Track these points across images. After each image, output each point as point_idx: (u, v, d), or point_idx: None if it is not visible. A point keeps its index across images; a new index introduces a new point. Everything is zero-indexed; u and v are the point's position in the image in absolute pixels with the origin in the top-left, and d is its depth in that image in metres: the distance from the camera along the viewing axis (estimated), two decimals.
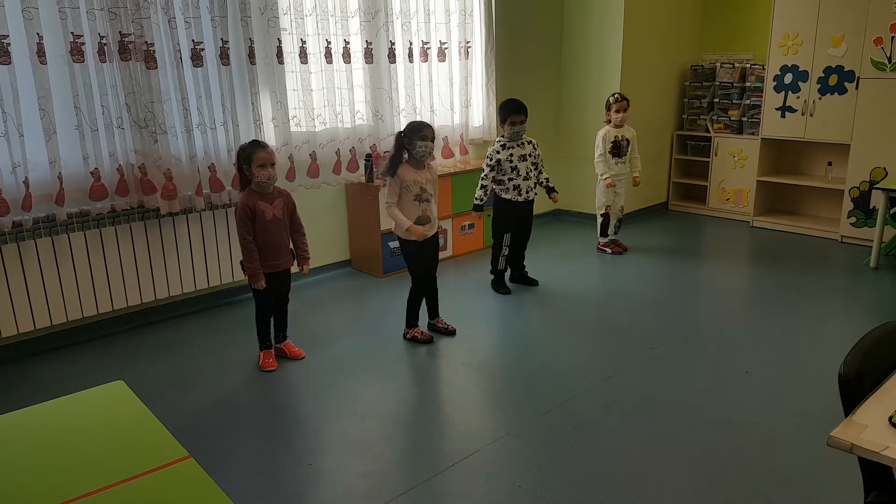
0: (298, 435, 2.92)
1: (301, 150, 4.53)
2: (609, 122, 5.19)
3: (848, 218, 5.62)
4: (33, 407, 1.85)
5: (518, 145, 4.37)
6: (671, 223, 6.48)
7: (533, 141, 4.45)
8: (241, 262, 3.42)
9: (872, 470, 1.66)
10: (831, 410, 1.86)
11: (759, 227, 6.18)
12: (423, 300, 3.88)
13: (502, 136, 4.38)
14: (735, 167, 6.39)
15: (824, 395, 2.93)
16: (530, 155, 4.40)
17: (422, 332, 3.84)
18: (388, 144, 4.95)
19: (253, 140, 3.56)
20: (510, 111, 4.28)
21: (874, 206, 5.35)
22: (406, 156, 3.61)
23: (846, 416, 1.58)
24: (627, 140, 5.21)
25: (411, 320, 3.84)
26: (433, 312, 3.93)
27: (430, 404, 3.23)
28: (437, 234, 3.81)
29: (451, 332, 3.88)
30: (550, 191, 4.53)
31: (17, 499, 1.46)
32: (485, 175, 4.38)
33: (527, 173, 4.38)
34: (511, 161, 4.34)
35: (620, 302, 4.46)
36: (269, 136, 4.35)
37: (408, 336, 3.84)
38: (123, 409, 1.82)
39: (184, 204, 4.02)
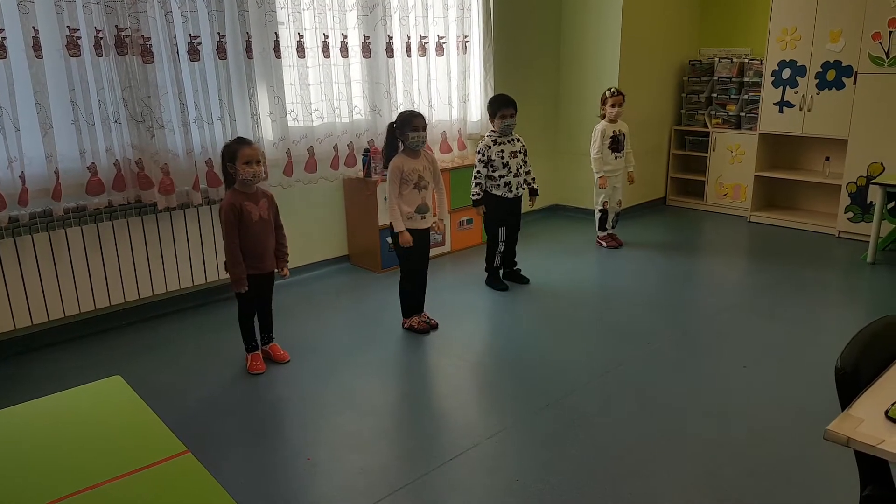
0: (296, 430, 2.92)
1: (298, 145, 4.52)
2: (604, 116, 5.20)
3: (845, 213, 5.62)
4: (30, 402, 1.85)
5: (509, 141, 4.37)
6: (669, 218, 6.48)
7: (521, 139, 4.46)
8: (225, 264, 3.29)
9: (869, 463, 1.67)
10: (828, 404, 1.86)
11: (757, 222, 6.19)
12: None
13: (493, 132, 4.37)
14: (733, 162, 6.39)
15: (821, 389, 2.94)
16: (520, 151, 4.41)
17: (419, 321, 3.86)
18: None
19: (237, 137, 3.52)
20: (500, 105, 4.29)
21: (871, 202, 5.36)
22: (401, 146, 3.67)
23: (843, 409, 1.58)
24: (624, 134, 5.23)
25: (407, 310, 3.88)
26: (420, 308, 3.95)
27: (428, 399, 3.23)
28: (429, 229, 3.82)
29: (433, 327, 3.89)
30: (533, 192, 4.52)
31: (15, 494, 1.46)
32: (478, 171, 4.37)
33: (517, 170, 4.39)
34: (502, 157, 4.33)
35: (618, 297, 4.47)
36: (267, 131, 4.34)
37: (405, 326, 3.87)
38: (121, 405, 1.82)
39: (181, 199, 4.01)
